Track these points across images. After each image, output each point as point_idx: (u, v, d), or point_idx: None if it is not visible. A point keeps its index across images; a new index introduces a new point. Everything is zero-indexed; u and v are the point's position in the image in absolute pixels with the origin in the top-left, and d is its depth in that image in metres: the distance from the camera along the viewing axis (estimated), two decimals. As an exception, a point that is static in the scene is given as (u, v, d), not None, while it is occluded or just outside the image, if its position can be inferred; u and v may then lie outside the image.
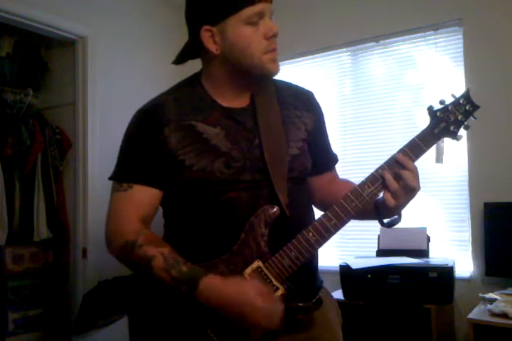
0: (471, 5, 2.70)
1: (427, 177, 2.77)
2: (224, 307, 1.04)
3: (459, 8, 2.73)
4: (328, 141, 1.36)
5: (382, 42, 3.04)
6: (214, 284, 1.04)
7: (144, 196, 1.16)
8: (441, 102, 1.15)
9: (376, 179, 1.12)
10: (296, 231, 1.11)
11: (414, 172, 1.11)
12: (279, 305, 1.05)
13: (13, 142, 2.87)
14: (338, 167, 1.40)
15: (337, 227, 1.11)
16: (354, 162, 3.01)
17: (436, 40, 2.87)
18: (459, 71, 2.75)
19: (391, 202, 1.11)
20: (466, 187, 2.68)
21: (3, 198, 2.82)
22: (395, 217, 1.18)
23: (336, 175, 1.39)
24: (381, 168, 1.12)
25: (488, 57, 2.64)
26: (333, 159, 1.38)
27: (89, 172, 2.96)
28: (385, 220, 1.19)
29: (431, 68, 2.87)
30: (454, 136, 1.15)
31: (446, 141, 1.16)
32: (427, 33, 2.87)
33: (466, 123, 1.15)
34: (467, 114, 1.15)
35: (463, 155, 2.69)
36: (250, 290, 1.03)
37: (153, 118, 1.16)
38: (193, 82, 1.23)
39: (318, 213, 1.22)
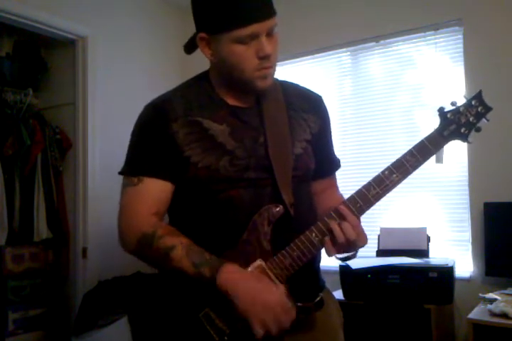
0: (471, 5, 2.70)
1: (427, 177, 2.77)
2: (239, 295, 1.02)
3: (459, 8, 2.73)
4: (331, 146, 1.36)
5: (382, 42, 3.05)
6: (236, 270, 1.04)
7: (155, 189, 1.15)
8: (453, 104, 1.13)
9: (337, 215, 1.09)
10: (300, 231, 1.10)
11: (356, 227, 1.07)
12: (291, 313, 1.03)
13: (13, 142, 2.87)
14: (338, 167, 1.39)
15: None
16: (354, 162, 3.01)
17: (436, 40, 2.87)
18: (459, 71, 2.75)
19: (332, 251, 1.08)
20: (466, 187, 2.69)
21: (3, 198, 2.82)
22: (350, 254, 1.15)
23: (334, 184, 1.37)
24: (329, 215, 1.09)
25: (488, 57, 2.64)
26: (333, 164, 1.37)
27: (89, 172, 2.95)
28: (339, 256, 1.15)
29: (431, 68, 2.87)
30: (465, 138, 1.12)
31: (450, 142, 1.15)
32: (427, 33, 2.87)
33: (478, 125, 1.13)
34: (479, 116, 1.12)
35: (463, 155, 2.69)
36: (271, 295, 1.01)
37: (161, 114, 1.16)
38: (201, 80, 1.23)
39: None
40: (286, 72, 3.29)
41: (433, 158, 1.15)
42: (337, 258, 1.16)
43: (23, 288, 2.94)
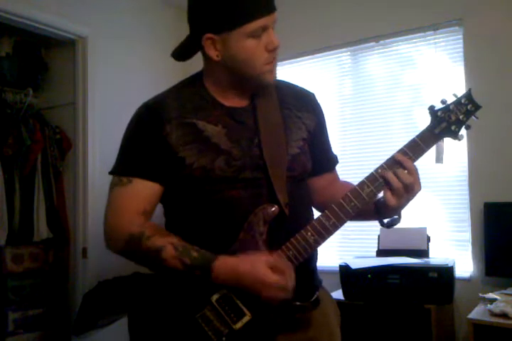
0: (471, 5, 2.70)
1: (427, 177, 2.77)
2: (239, 286, 1.06)
3: (459, 8, 2.73)
4: (328, 142, 1.37)
5: (382, 42, 3.05)
6: (227, 265, 1.06)
7: (144, 190, 1.16)
8: (443, 102, 1.15)
9: (375, 179, 1.12)
10: (295, 231, 1.11)
11: (413, 172, 1.12)
12: (290, 275, 1.05)
13: (13, 142, 2.87)
14: (338, 166, 1.40)
15: (336, 227, 1.11)
16: (354, 162, 3.00)
17: (436, 40, 2.86)
18: (459, 71, 2.74)
19: (392, 201, 1.12)
20: (466, 187, 2.68)
21: (3, 198, 2.82)
22: (395, 217, 1.19)
23: (337, 177, 1.39)
24: (381, 167, 1.13)
25: (488, 57, 2.64)
26: (333, 160, 1.38)
27: (89, 172, 2.96)
28: (385, 220, 1.19)
29: (431, 68, 2.87)
30: (455, 135, 1.15)
31: (447, 141, 1.16)
32: (427, 33, 2.87)
33: (467, 123, 1.15)
34: (469, 114, 1.14)
35: (463, 155, 2.69)
36: (261, 267, 1.04)
37: (155, 115, 1.16)
38: (194, 81, 1.24)
39: (317, 213, 1.21)
40: (286, 72, 3.29)
41: (433, 158, 1.16)
42: (383, 225, 1.19)
43: (23, 288, 2.94)
